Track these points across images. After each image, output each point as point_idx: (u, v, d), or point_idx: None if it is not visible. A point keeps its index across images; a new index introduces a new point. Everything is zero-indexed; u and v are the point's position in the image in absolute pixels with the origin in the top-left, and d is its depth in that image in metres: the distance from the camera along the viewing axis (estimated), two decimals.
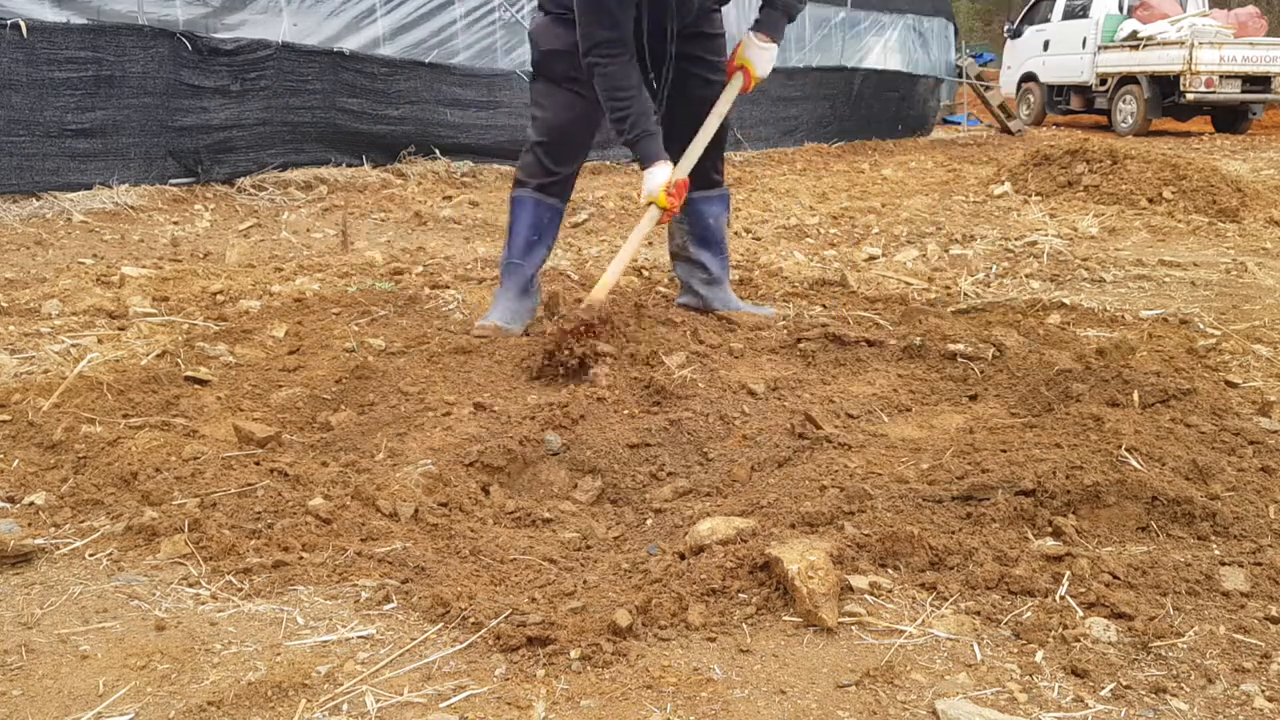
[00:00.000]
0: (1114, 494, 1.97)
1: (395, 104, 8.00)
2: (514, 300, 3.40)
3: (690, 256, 3.57)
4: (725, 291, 3.60)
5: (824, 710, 1.44)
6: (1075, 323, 3.48)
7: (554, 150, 3.36)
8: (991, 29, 29.82)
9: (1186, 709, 1.44)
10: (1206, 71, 13.51)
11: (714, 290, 3.57)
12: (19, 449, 2.35)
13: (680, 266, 3.63)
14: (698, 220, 3.51)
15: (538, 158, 3.38)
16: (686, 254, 3.57)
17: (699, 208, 3.47)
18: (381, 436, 2.47)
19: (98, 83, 6.32)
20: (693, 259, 3.56)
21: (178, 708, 1.43)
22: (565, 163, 3.40)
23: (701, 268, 3.56)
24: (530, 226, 3.42)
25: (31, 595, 1.76)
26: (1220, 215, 5.89)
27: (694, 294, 3.60)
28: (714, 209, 3.54)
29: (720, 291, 3.58)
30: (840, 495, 2.03)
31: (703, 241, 3.54)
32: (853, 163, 10.45)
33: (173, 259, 4.84)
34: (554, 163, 3.38)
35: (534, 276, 3.47)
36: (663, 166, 3.10)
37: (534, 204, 3.41)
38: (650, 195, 3.11)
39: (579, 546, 2.08)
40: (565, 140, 3.35)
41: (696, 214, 3.49)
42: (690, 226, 3.53)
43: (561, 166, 3.39)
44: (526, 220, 3.42)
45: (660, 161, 3.11)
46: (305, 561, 1.87)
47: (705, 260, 3.55)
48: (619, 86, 3.05)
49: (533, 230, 3.42)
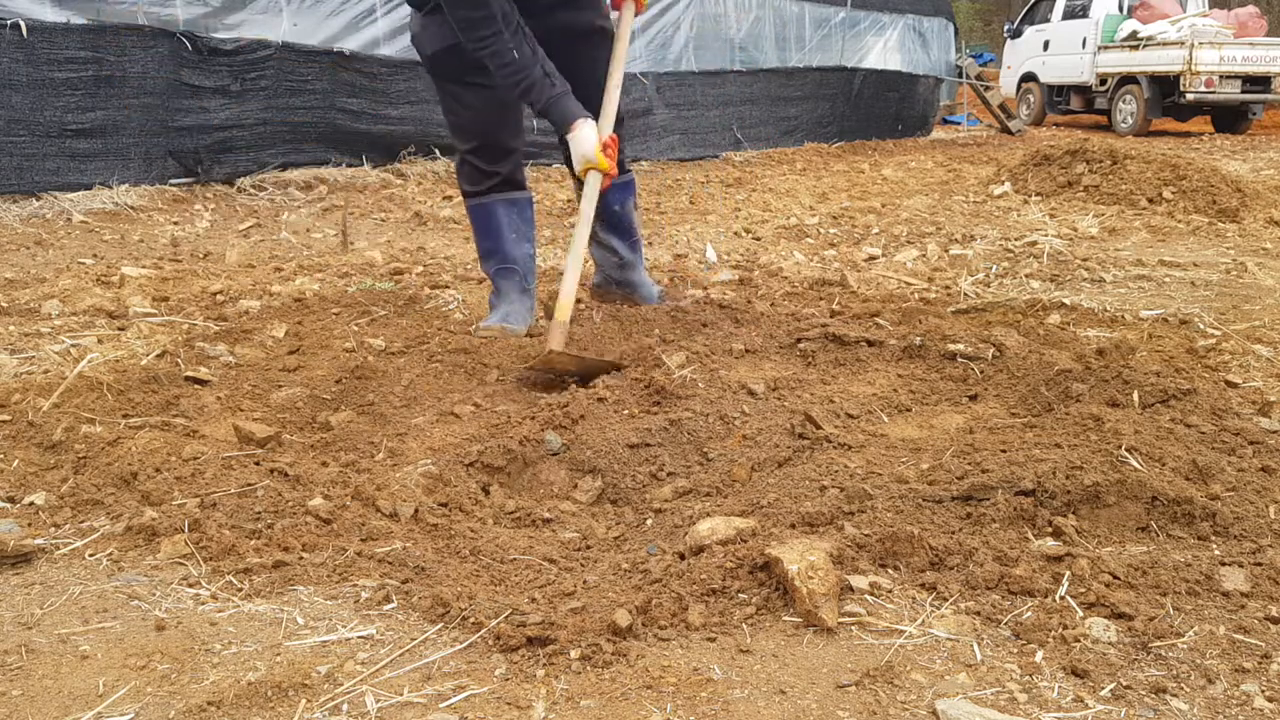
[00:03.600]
0: (1114, 494, 1.97)
1: (395, 104, 8.00)
2: (514, 301, 3.38)
3: (601, 240, 3.52)
4: (639, 274, 3.59)
5: (824, 710, 1.44)
6: (1075, 323, 3.48)
7: (485, 151, 3.26)
8: (991, 29, 29.83)
9: (1186, 709, 1.44)
10: (1206, 71, 13.52)
11: (627, 274, 3.58)
12: (19, 449, 2.35)
13: (595, 249, 3.58)
14: (604, 209, 3.35)
15: (473, 164, 3.28)
16: (598, 238, 3.51)
17: (604, 198, 3.25)
18: (381, 436, 2.47)
19: (98, 83, 6.32)
20: (603, 243, 3.53)
21: (178, 708, 1.43)
22: (501, 159, 3.28)
23: (613, 251, 3.54)
24: (503, 228, 3.33)
25: (31, 595, 1.76)
26: (1220, 215, 5.89)
27: (608, 280, 3.60)
28: (619, 195, 3.42)
29: (634, 274, 3.58)
30: (840, 495, 2.03)
31: (612, 228, 3.49)
32: (853, 163, 10.45)
33: (173, 259, 4.84)
34: (490, 163, 3.27)
35: (527, 274, 3.40)
36: (586, 124, 2.91)
37: (493, 207, 3.32)
38: (587, 159, 2.91)
39: (579, 546, 2.08)
40: (489, 138, 3.23)
41: (603, 204, 3.30)
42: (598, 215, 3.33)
43: (499, 164, 3.28)
44: (495, 224, 3.33)
45: (580, 119, 2.91)
46: (305, 561, 1.87)
47: (615, 245, 3.52)
48: (507, 62, 2.89)
49: (509, 229, 3.34)
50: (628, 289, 3.59)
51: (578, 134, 2.91)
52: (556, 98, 2.93)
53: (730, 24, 11.59)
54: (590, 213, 2.97)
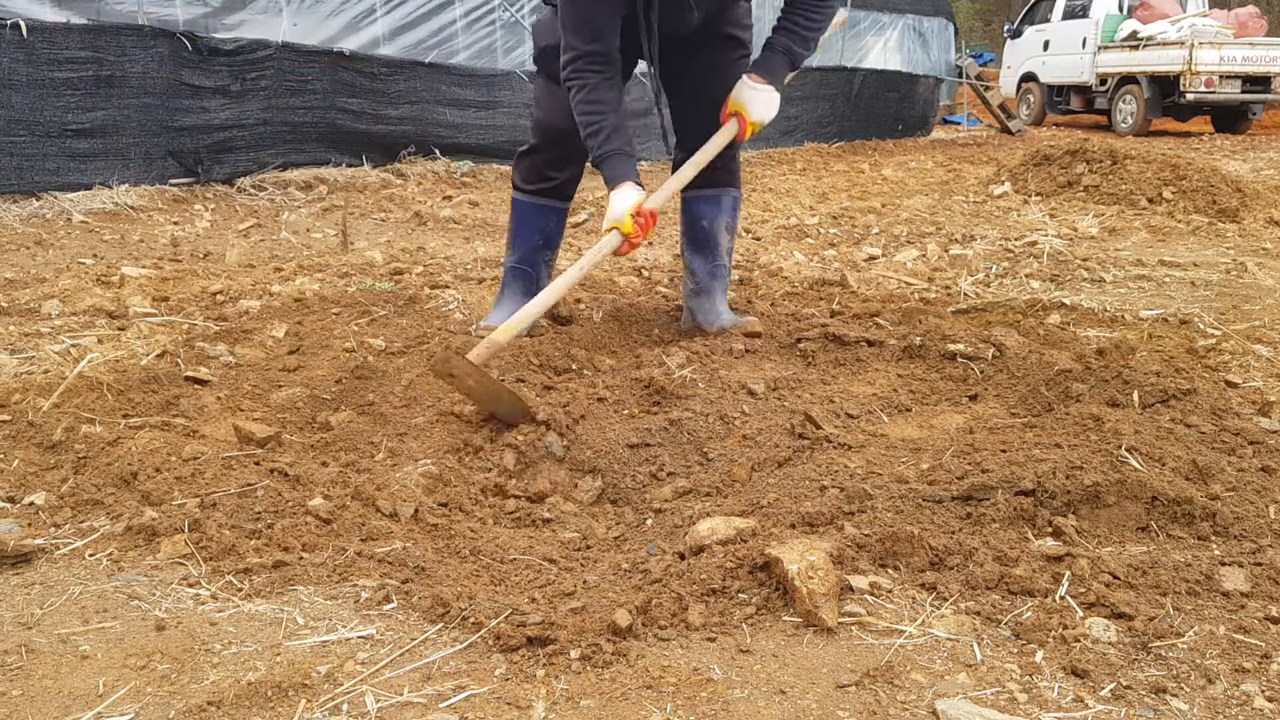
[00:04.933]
0: (1114, 494, 1.97)
1: (395, 104, 8.00)
2: (519, 303, 3.35)
3: (685, 261, 3.36)
4: (711, 303, 3.28)
5: (824, 710, 1.44)
6: (1075, 323, 3.48)
7: (551, 154, 3.24)
8: (991, 29, 29.83)
9: (1186, 709, 1.44)
10: (1206, 71, 13.52)
11: (699, 301, 3.29)
12: (19, 449, 2.35)
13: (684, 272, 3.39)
14: (692, 221, 3.30)
15: (535, 162, 3.28)
16: (683, 257, 3.37)
17: (693, 208, 3.27)
18: (381, 436, 2.47)
19: (98, 83, 6.32)
20: (686, 264, 3.35)
21: (178, 708, 1.43)
22: (563, 167, 3.27)
23: (690, 274, 3.32)
24: (534, 230, 3.33)
25: (31, 595, 1.76)
26: (1220, 215, 5.89)
27: (685, 307, 3.35)
28: (710, 210, 3.27)
29: (705, 301, 3.28)
30: (840, 495, 2.03)
31: (695, 244, 3.31)
32: (853, 163, 10.45)
33: (173, 259, 4.84)
34: (552, 168, 3.26)
35: (539, 280, 3.34)
36: (631, 189, 2.83)
37: (534, 209, 3.32)
38: (614, 220, 2.79)
39: (579, 546, 2.08)
40: (563, 144, 3.17)
41: (690, 214, 3.29)
42: (685, 228, 3.34)
43: (559, 171, 3.27)
44: (529, 225, 3.33)
45: (628, 184, 2.84)
46: (305, 561, 1.87)
47: (695, 267, 3.30)
48: (593, 101, 2.85)
49: (538, 234, 3.33)
50: (694, 317, 3.29)
51: (618, 193, 2.84)
52: (615, 153, 2.88)
53: None
54: (587, 263, 2.85)
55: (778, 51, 3.05)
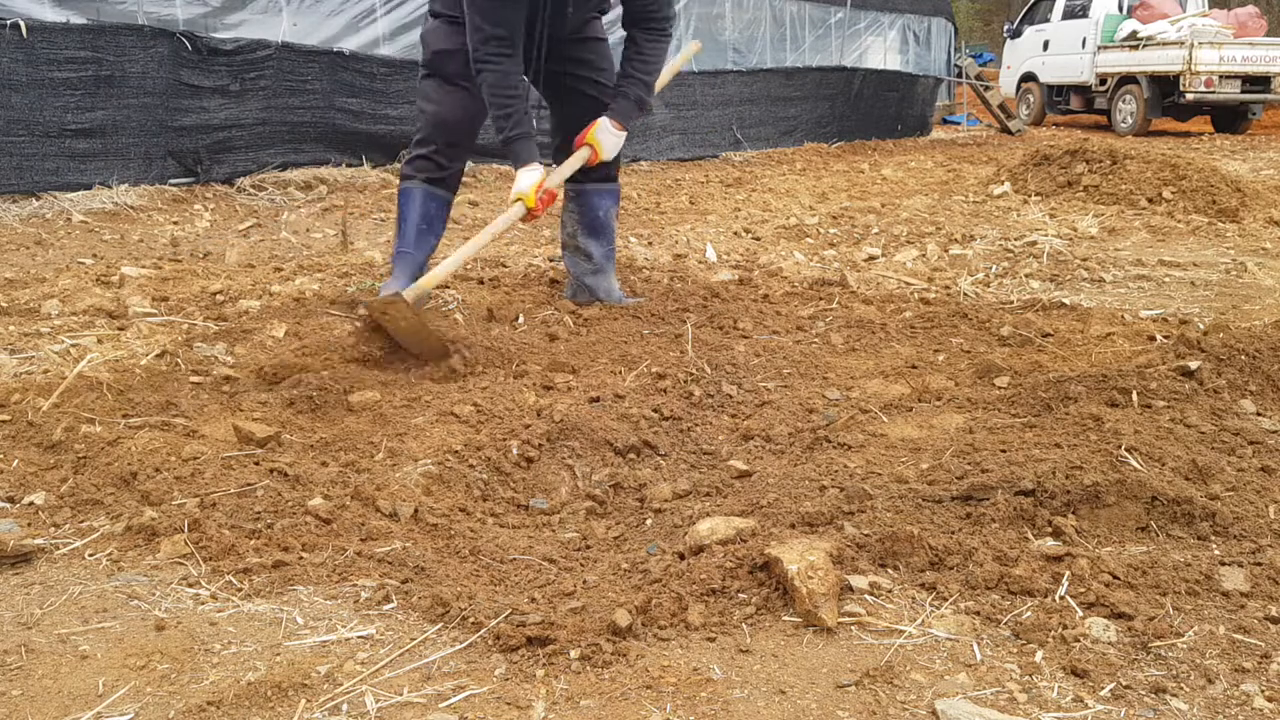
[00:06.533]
0: (1114, 494, 1.97)
1: (395, 104, 8.00)
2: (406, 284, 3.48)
3: (578, 245, 3.73)
4: (609, 281, 3.78)
5: (824, 710, 1.44)
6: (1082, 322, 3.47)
7: (444, 146, 3.56)
8: (991, 29, 29.83)
9: (1186, 709, 1.44)
10: (1206, 71, 13.51)
11: (598, 280, 3.75)
12: (19, 449, 2.35)
13: (568, 258, 3.80)
14: (589, 211, 3.70)
15: (428, 154, 3.58)
16: (575, 243, 3.74)
17: (592, 199, 3.69)
18: (381, 436, 2.47)
19: (98, 83, 6.32)
20: (580, 248, 3.73)
21: (177, 708, 1.43)
22: (455, 158, 3.62)
23: (587, 257, 3.73)
24: (421, 217, 3.61)
25: (31, 595, 1.76)
26: (1220, 215, 5.89)
27: (579, 286, 3.77)
28: (605, 202, 3.73)
29: (603, 281, 3.76)
30: (840, 495, 2.03)
31: (592, 231, 3.71)
32: (852, 163, 10.45)
33: (172, 259, 4.84)
34: (444, 158, 3.58)
35: (424, 264, 3.63)
36: (536, 169, 3.24)
37: (424, 195, 3.62)
38: (520, 193, 3.21)
39: (579, 546, 2.08)
40: (456, 136, 3.55)
41: (589, 205, 3.69)
42: (581, 216, 3.71)
43: (452, 162, 3.61)
44: (417, 212, 3.61)
45: (534, 164, 3.25)
46: (305, 561, 1.87)
47: (591, 249, 3.72)
48: (505, 85, 3.22)
49: (423, 220, 3.61)
50: (595, 295, 3.75)
51: (525, 171, 3.24)
52: (523, 136, 3.26)
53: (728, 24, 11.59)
54: (499, 228, 3.24)
55: (631, 100, 3.47)
